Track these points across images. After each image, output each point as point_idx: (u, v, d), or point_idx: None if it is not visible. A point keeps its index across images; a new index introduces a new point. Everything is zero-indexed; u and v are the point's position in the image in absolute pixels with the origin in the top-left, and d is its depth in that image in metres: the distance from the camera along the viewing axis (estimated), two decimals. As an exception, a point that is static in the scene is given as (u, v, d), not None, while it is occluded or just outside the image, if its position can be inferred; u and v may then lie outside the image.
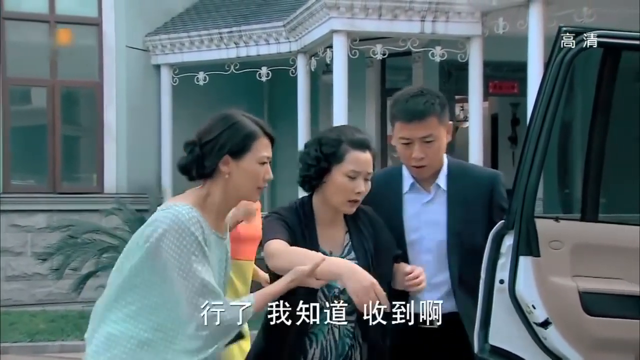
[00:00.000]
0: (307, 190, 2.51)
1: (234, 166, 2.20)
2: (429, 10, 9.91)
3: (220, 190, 2.22)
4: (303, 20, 10.75)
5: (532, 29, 9.00)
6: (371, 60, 11.29)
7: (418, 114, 2.59)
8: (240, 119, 2.26)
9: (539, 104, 2.58)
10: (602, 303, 2.57)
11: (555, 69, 2.49)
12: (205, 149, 2.20)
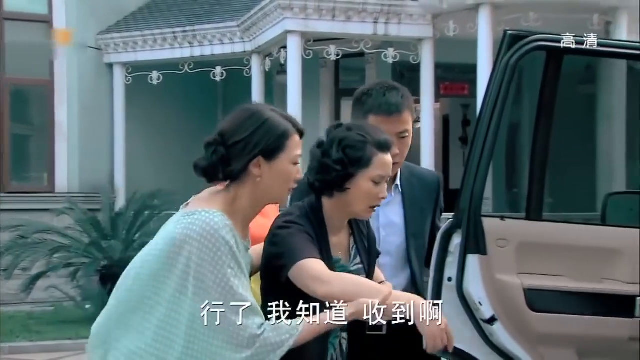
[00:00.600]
0: (321, 194, 2.22)
1: (266, 168, 1.95)
2: (381, 12, 10.02)
3: (249, 194, 1.97)
4: (257, 21, 10.75)
5: (482, 32, 9.19)
6: (325, 61, 11.35)
7: (398, 108, 2.45)
8: (270, 115, 1.99)
9: (485, 106, 2.63)
10: (546, 299, 2.64)
11: (501, 72, 2.55)
12: (233, 150, 1.94)
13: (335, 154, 2.16)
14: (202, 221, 1.88)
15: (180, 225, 1.90)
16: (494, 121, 2.63)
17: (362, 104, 2.47)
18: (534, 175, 2.91)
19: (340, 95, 12.45)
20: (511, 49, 2.52)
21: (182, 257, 1.87)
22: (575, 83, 9.98)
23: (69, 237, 8.92)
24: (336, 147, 2.17)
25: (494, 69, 2.60)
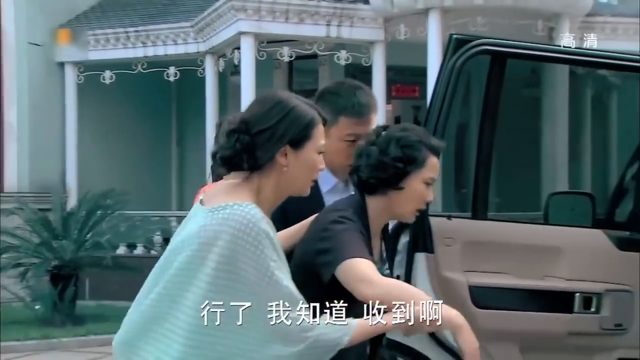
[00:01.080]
0: (372, 193, 2.17)
1: (292, 157, 1.87)
2: (334, 14, 10.10)
3: (274, 184, 1.88)
4: (211, 22, 10.72)
5: (431, 35, 9.34)
6: (279, 63, 11.38)
7: (369, 109, 2.37)
8: (296, 102, 1.89)
9: (432, 107, 2.69)
10: (490, 296, 2.70)
11: (447, 75, 2.61)
12: (258, 138, 1.84)
13: (394, 151, 2.14)
14: (239, 215, 1.77)
15: (212, 220, 1.79)
16: (441, 122, 2.68)
17: (330, 104, 2.34)
18: (479, 176, 2.97)
19: (294, 96, 12.50)
20: (457, 53, 2.58)
21: (216, 254, 1.76)
22: (520, 86, 10.21)
23: (18, 237, 8.77)
24: (394, 145, 2.15)
25: (440, 71, 2.65)
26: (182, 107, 13.29)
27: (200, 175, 11.73)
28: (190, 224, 1.84)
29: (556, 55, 2.76)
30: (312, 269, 1.98)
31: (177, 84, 12.21)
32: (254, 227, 1.75)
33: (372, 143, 2.17)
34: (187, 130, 13.25)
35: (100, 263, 8.85)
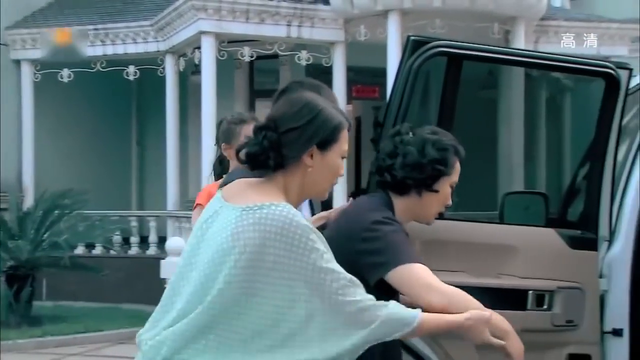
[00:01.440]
0: (406, 193, 2.16)
1: (318, 159, 1.86)
2: (294, 15, 10.13)
3: (298, 185, 1.86)
4: (171, 21, 10.65)
5: (391, 37, 9.44)
6: (240, 62, 11.36)
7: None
8: (324, 105, 1.90)
9: (390, 109, 2.71)
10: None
11: (404, 76, 2.63)
12: (286, 137, 1.83)
13: (432, 153, 2.15)
14: (279, 214, 1.75)
15: (249, 220, 1.75)
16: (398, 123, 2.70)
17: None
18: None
19: (254, 96, 12.48)
20: (414, 54, 2.60)
21: (271, 255, 1.73)
22: (477, 88, 10.36)
23: (-27, 237, 8.62)
24: (431, 147, 2.16)
25: (397, 73, 2.68)
26: (142, 106, 13.18)
27: (160, 175, 11.67)
28: (220, 222, 1.80)
29: (510, 58, 2.80)
30: (353, 269, 1.91)
31: (137, 83, 12.11)
32: (298, 225, 1.74)
33: (407, 143, 2.17)
34: (148, 129, 13.15)
35: (58, 263, 8.75)
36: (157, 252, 10.58)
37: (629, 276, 2.61)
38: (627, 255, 2.65)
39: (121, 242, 11.30)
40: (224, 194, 1.87)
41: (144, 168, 13.26)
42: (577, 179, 3.39)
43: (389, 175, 2.16)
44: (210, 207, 1.88)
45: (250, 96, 12.44)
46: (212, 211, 1.86)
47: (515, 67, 7.42)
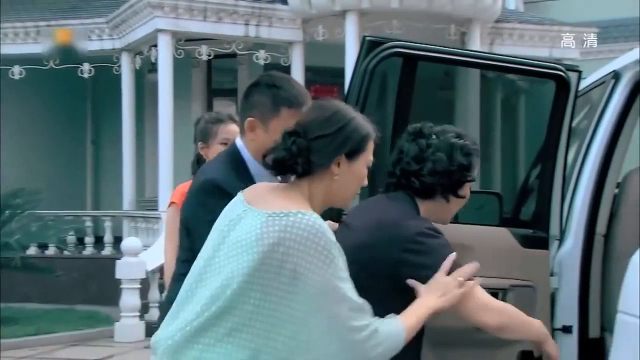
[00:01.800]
0: (422, 197, 2.15)
1: (345, 167, 1.85)
2: (252, 14, 10.10)
3: (323, 192, 1.85)
4: (127, 18, 10.52)
5: (349, 37, 9.48)
6: (197, 61, 11.28)
7: (308, 98, 2.30)
8: (355, 114, 1.90)
9: (346, 109, 2.73)
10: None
11: (360, 76, 2.64)
12: (316, 144, 1.82)
13: (461, 159, 2.13)
14: (305, 223, 1.73)
15: (275, 227, 1.74)
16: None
17: (270, 96, 2.24)
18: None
19: (212, 95, 12.41)
20: (369, 54, 2.62)
21: (290, 263, 1.72)
22: (435, 89, 10.47)
23: None
24: (459, 153, 2.14)
25: (353, 73, 2.68)
26: (97, 105, 13.00)
27: (116, 174, 11.51)
28: (244, 226, 1.78)
29: (463, 59, 2.84)
30: (391, 277, 1.92)
31: (92, 81, 11.93)
32: (323, 236, 1.72)
33: (435, 148, 2.15)
34: (103, 128, 12.97)
35: (9, 264, 8.55)
36: (113, 252, 10.44)
37: (578, 274, 2.66)
38: (577, 253, 2.71)
39: (75, 243, 11.12)
40: (247, 197, 1.86)
41: (99, 167, 13.07)
42: (529, 179, 3.45)
43: (417, 181, 2.14)
44: (232, 209, 1.86)
45: (208, 95, 12.36)
46: (234, 214, 1.84)
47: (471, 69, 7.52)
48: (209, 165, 2.36)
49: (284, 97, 2.24)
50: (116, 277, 8.18)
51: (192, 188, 2.29)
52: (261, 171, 2.20)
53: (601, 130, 2.75)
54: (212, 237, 1.86)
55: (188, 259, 2.10)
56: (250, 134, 2.24)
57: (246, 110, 2.27)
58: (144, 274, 8.25)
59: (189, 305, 1.80)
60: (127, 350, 7.60)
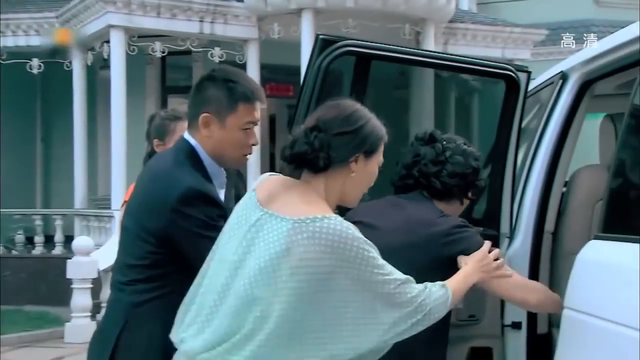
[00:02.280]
0: (438, 199, 2.37)
1: (361, 165, 1.91)
2: (207, 11, 10.02)
3: (338, 189, 1.90)
4: (78, 13, 10.34)
5: (304, 35, 9.48)
6: (151, 58, 11.14)
7: (263, 94, 2.28)
8: (371, 115, 1.96)
9: (299, 107, 2.72)
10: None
11: (314, 74, 2.64)
12: (337, 140, 1.87)
13: (474, 163, 2.40)
14: (333, 229, 1.76)
15: (304, 234, 1.76)
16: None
17: (227, 91, 2.17)
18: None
19: (167, 92, 12.27)
20: (322, 53, 2.61)
21: (321, 269, 1.75)
22: (390, 88, 10.53)
23: None
24: (472, 158, 2.40)
25: (306, 71, 2.68)
26: (47, 102, 12.72)
27: (67, 172, 11.29)
28: (269, 234, 1.79)
29: (416, 59, 2.86)
30: (432, 272, 2.05)
31: (41, 77, 11.67)
32: (353, 237, 1.77)
33: (451, 152, 2.39)
34: (53, 125, 12.70)
35: (-45, 265, 8.33)
36: (64, 251, 10.25)
37: (527, 271, 2.70)
38: (526, 251, 2.75)
39: (24, 242, 10.88)
40: (260, 199, 1.87)
41: (50, 165, 12.80)
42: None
43: (438, 182, 2.35)
44: (247, 213, 1.87)
45: (162, 93, 12.22)
46: (252, 219, 1.84)
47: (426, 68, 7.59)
48: (176, 171, 2.13)
49: (241, 92, 2.19)
50: (67, 276, 8.03)
51: (160, 195, 2.08)
52: (217, 170, 2.20)
53: (549, 130, 2.80)
54: (230, 243, 1.86)
55: (146, 264, 2.10)
56: (204, 130, 2.16)
57: (199, 106, 2.18)
58: (96, 273, 8.11)
59: (220, 312, 1.81)
60: (78, 351, 7.46)
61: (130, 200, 2.28)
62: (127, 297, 2.13)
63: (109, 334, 2.14)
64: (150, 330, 2.09)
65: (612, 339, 1.82)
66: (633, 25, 2.23)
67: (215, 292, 1.83)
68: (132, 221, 2.17)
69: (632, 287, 1.75)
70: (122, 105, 9.82)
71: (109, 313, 2.23)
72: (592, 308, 1.95)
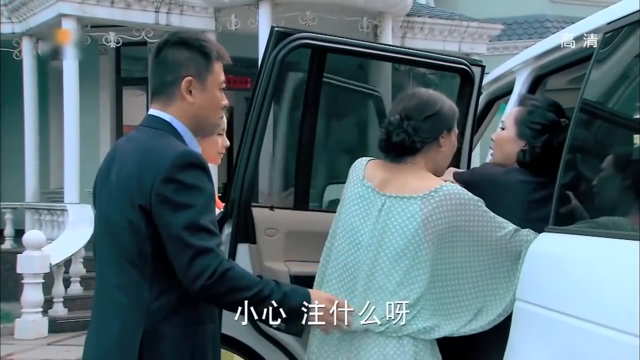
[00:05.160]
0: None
1: (447, 140, 2.23)
2: (162, 2, 9.88)
3: (432, 165, 2.22)
4: (27, 1, 10.09)
5: (262, 27, 9.41)
6: (104, 48, 10.95)
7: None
8: (442, 95, 2.26)
9: (254, 100, 2.69)
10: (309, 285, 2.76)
11: (269, 67, 2.62)
12: (425, 124, 2.17)
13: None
14: (454, 192, 2.10)
15: (433, 204, 2.08)
16: (263, 115, 2.68)
17: (203, 52, 2.02)
18: (300, 168, 3.01)
19: (121, 84, 12.08)
20: (278, 45, 2.60)
21: (457, 233, 2.10)
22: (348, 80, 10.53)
23: None
24: None
25: (262, 63, 2.66)
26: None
27: (18, 164, 11.02)
28: (401, 214, 2.11)
29: (372, 52, 2.85)
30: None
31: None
32: (472, 197, 2.11)
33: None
34: (3, 116, 12.40)
35: None
36: (14, 246, 10.03)
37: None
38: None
39: (-25, 235, 10.64)
40: (375, 184, 2.18)
41: (2, 156, 12.50)
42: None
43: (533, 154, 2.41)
44: (368, 201, 2.17)
45: (117, 84, 12.03)
46: (377, 205, 2.15)
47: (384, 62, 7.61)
48: (162, 142, 1.91)
49: (215, 49, 2.06)
50: (17, 271, 7.86)
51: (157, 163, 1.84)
52: (196, 145, 2.02)
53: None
54: (362, 227, 2.16)
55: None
56: (188, 96, 1.97)
57: (175, 71, 1.98)
58: (48, 268, 7.96)
59: (374, 290, 2.11)
60: (28, 348, 7.33)
61: (107, 188, 1.95)
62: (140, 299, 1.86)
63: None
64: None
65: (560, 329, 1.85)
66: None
67: (362, 277, 2.12)
68: (117, 210, 1.89)
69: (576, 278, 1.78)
70: (74, 96, 9.63)
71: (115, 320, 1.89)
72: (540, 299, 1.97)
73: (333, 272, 2.21)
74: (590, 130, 2.17)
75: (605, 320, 1.63)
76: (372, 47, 2.88)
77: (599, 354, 1.64)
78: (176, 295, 1.86)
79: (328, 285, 2.21)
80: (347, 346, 2.16)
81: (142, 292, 1.86)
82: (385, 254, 2.10)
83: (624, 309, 1.58)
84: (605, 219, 1.95)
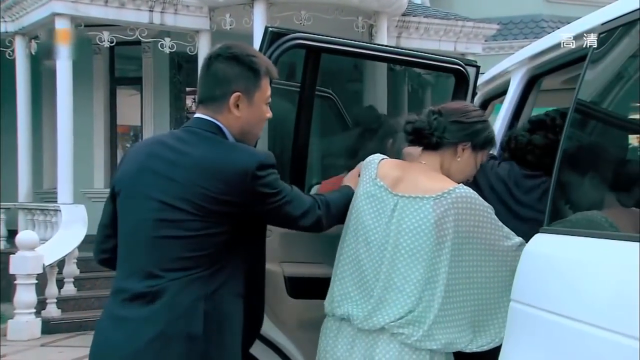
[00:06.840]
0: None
1: (467, 154, 2.24)
2: (157, 1, 9.85)
3: (446, 169, 2.24)
4: (20, 0, 10.05)
5: (257, 27, 9.39)
6: (99, 48, 10.91)
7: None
8: (489, 121, 2.31)
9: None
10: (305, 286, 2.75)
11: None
12: (452, 126, 2.21)
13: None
14: (465, 196, 2.11)
15: (445, 206, 2.09)
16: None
17: (254, 67, 2.08)
18: (295, 166, 2.99)
19: (115, 83, 12.05)
20: (272, 45, 2.58)
21: (473, 239, 2.11)
22: (344, 81, 10.53)
23: None
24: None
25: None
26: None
27: (11, 165, 10.98)
28: (413, 214, 2.12)
29: (367, 52, 2.84)
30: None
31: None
32: (482, 203, 2.13)
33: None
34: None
35: None
36: (7, 246, 9.99)
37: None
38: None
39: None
40: (388, 184, 2.20)
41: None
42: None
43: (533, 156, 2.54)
44: (380, 200, 2.19)
45: (110, 84, 11.99)
46: (390, 205, 2.17)
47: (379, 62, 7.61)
48: (231, 143, 2.06)
49: (263, 65, 2.11)
50: (10, 272, 7.83)
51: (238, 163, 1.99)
52: None
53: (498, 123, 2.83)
54: (374, 225, 2.17)
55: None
56: (235, 110, 2.05)
57: (223, 86, 2.05)
58: (41, 268, 7.93)
59: (390, 290, 2.13)
60: (21, 349, 7.29)
61: (158, 182, 2.03)
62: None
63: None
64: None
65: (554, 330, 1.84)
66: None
67: (383, 273, 2.14)
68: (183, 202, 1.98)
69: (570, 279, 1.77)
70: (68, 96, 9.59)
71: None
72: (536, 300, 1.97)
73: (345, 269, 2.24)
74: (585, 130, 2.17)
75: (600, 322, 1.63)
76: (366, 47, 2.86)
77: (593, 355, 1.64)
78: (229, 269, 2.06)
79: (341, 283, 2.23)
80: (361, 344, 2.16)
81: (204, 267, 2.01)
82: (401, 254, 2.12)
83: (618, 310, 1.57)
84: (597, 219, 1.95)
